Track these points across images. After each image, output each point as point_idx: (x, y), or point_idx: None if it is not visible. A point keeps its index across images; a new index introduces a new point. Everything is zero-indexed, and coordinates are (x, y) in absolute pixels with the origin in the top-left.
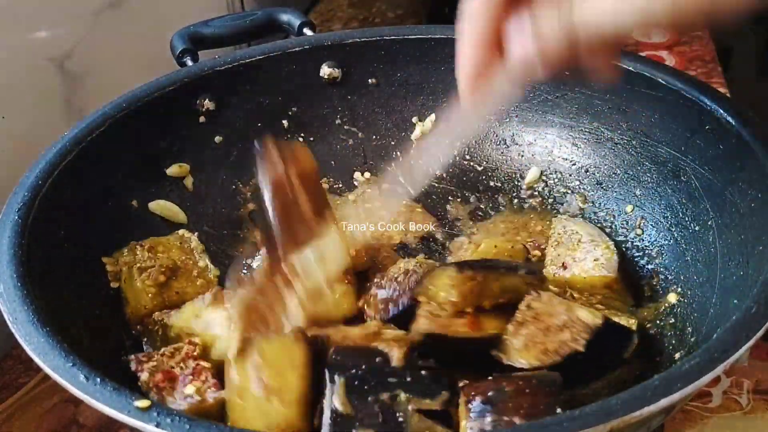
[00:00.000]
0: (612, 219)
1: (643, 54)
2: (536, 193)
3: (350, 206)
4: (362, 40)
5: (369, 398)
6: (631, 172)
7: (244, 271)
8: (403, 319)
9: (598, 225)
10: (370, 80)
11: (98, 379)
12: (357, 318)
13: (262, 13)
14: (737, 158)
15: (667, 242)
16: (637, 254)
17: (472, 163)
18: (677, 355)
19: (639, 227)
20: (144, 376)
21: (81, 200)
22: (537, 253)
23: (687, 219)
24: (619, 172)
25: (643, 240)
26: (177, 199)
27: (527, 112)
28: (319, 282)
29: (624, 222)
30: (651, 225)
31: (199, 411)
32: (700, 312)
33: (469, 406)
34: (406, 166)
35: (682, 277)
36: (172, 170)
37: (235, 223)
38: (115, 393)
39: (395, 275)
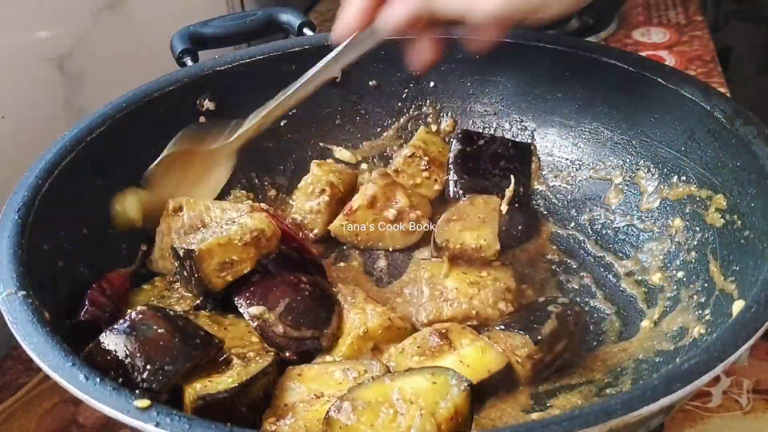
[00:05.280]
0: None
1: (643, 54)
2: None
3: None
4: None
5: None
6: (631, 173)
7: None
8: None
9: None
10: (370, 80)
11: (98, 379)
12: None
13: (262, 13)
14: (737, 158)
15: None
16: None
17: None
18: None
19: None
20: None
21: (81, 200)
22: None
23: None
24: (619, 172)
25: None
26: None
27: (527, 112)
28: None
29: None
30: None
31: None
32: (700, 311)
33: None
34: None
35: (683, 277)
36: None
37: None
38: (114, 393)
39: None
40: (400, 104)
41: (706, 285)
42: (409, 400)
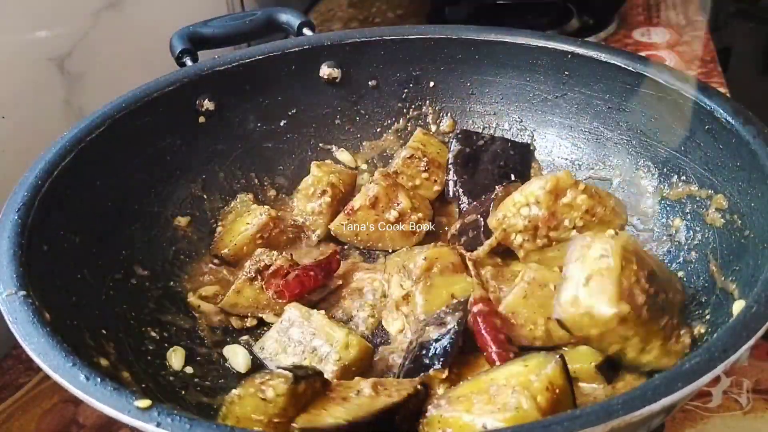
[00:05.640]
0: None
1: (643, 54)
2: None
3: None
4: (362, 40)
5: None
6: (631, 173)
7: None
8: None
9: None
10: (369, 80)
11: (98, 379)
12: None
13: (261, 13)
14: (737, 158)
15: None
16: None
17: None
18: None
19: None
20: None
21: (81, 200)
22: None
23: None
24: (619, 172)
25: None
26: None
27: (527, 112)
28: None
29: None
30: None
31: None
32: (700, 311)
33: None
34: None
35: (683, 277)
36: None
37: None
38: (115, 393)
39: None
40: (399, 104)
41: (706, 285)
42: (503, 385)
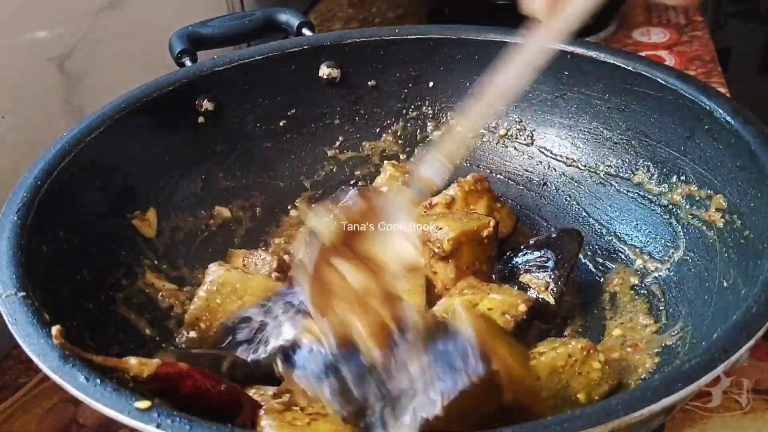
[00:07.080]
0: None
1: (643, 54)
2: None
3: None
4: (362, 40)
5: None
6: (631, 173)
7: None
8: None
9: None
10: (369, 80)
11: (98, 380)
12: None
13: (261, 13)
14: (737, 158)
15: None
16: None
17: (469, 164)
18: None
19: None
20: None
21: (81, 200)
22: None
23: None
24: (619, 172)
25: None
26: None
27: (526, 112)
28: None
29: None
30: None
31: None
32: (699, 311)
33: None
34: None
35: (681, 277)
36: None
37: None
38: (115, 393)
39: None
40: (399, 105)
41: (706, 285)
42: None
